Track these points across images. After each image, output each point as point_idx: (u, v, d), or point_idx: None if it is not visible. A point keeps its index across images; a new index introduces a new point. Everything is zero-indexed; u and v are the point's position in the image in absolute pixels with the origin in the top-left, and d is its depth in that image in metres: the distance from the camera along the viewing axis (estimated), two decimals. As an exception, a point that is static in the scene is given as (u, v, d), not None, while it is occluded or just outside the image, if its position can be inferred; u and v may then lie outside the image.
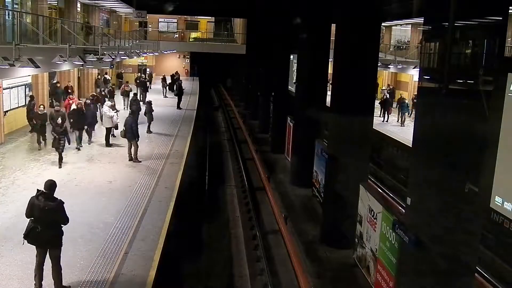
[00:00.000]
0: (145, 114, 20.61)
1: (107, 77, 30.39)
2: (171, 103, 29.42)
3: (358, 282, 9.86)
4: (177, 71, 40.01)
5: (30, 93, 19.87)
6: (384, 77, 34.33)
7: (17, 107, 19.14)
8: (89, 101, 18.34)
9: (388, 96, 27.64)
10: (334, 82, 11.82)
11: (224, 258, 11.30)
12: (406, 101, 26.64)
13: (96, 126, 18.62)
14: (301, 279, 9.65)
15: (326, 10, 14.76)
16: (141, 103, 22.94)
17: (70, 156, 15.45)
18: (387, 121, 26.57)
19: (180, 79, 33.93)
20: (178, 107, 27.97)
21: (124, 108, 24.51)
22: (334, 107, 11.93)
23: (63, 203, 7.50)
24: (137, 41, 32.01)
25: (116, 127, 17.99)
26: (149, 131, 20.38)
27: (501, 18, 6.49)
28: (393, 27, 36.61)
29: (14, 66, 11.42)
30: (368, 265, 9.84)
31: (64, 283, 7.71)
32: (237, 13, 36.27)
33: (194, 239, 12.18)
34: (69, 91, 22.48)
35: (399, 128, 24.52)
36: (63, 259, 7.67)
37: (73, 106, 17.68)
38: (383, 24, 26.55)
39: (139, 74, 36.43)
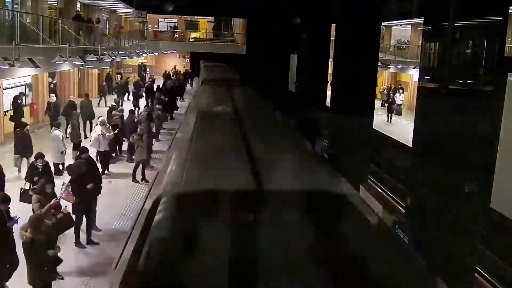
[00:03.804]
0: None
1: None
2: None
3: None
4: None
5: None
6: (384, 77, 34.32)
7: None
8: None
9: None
10: (334, 82, 11.83)
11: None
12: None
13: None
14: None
15: (326, 10, 14.77)
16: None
17: (69, 157, 15.42)
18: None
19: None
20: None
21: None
22: (334, 107, 11.94)
23: None
24: (137, 41, 32.01)
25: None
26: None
27: (501, 18, 6.49)
28: (393, 27, 36.60)
29: (14, 66, 11.42)
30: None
31: (63, 284, 7.74)
32: (237, 13, 36.25)
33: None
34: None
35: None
36: (63, 261, 7.65)
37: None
38: (383, 24, 26.58)
39: (140, 74, 36.40)
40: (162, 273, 2.27)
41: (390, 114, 26.85)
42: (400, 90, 30.53)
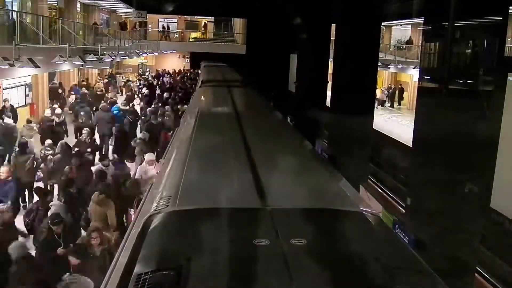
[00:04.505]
0: None
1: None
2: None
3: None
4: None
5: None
6: (384, 77, 34.33)
7: (17, 107, 19.11)
8: None
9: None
10: (334, 82, 11.84)
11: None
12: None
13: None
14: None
15: (326, 10, 14.78)
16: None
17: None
18: None
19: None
20: None
21: None
22: (334, 107, 11.95)
23: None
24: (137, 41, 32.03)
25: None
26: None
27: (501, 18, 6.50)
28: (393, 27, 36.61)
29: (14, 66, 11.43)
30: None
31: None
32: (237, 13, 36.26)
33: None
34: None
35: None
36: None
37: None
38: (383, 24, 26.61)
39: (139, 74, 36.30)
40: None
41: None
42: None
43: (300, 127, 16.75)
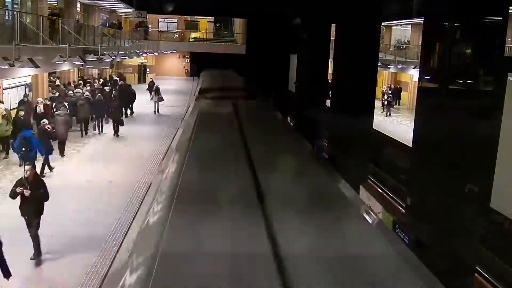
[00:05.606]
0: None
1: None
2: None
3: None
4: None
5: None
6: (384, 77, 34.33)
7: (17, 107, 19.08)
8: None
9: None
10: (334, 82, 11.84)
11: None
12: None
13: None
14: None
15: (326, 10, 14.78)
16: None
17: (70, 156, 15.45)
18: None
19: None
20: None
21: None
22: (334, 107, 11.94)
23: None
24: (137, 41, 32.03)
25: None
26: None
27: (501, 18, 6.49)
28: (393, 27, 36.61)
29: (14, 66, 11.42)
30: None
31: (64, 283, 7.75)
32: (237, 13, 36.24)
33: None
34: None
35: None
36: (62, 260, 7.66)
37: None
38: (383, 24, 26.61)
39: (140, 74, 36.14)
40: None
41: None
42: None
43: (300, 127, 16.76)
